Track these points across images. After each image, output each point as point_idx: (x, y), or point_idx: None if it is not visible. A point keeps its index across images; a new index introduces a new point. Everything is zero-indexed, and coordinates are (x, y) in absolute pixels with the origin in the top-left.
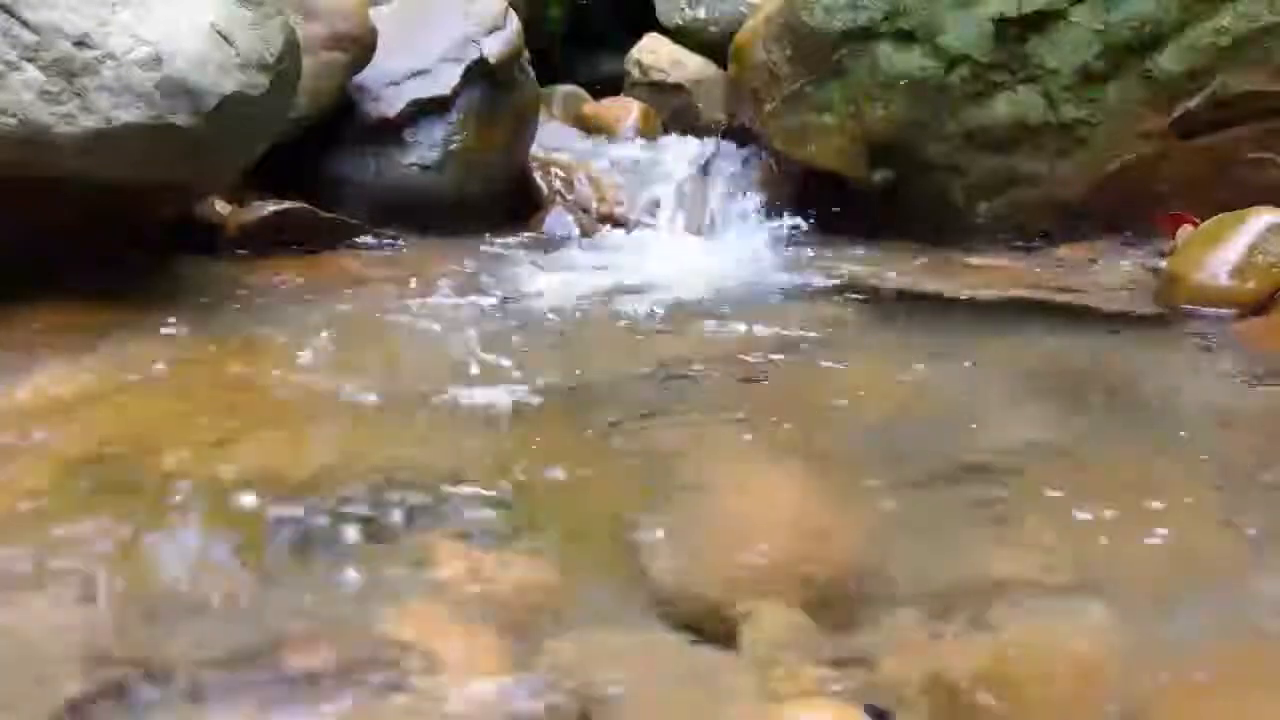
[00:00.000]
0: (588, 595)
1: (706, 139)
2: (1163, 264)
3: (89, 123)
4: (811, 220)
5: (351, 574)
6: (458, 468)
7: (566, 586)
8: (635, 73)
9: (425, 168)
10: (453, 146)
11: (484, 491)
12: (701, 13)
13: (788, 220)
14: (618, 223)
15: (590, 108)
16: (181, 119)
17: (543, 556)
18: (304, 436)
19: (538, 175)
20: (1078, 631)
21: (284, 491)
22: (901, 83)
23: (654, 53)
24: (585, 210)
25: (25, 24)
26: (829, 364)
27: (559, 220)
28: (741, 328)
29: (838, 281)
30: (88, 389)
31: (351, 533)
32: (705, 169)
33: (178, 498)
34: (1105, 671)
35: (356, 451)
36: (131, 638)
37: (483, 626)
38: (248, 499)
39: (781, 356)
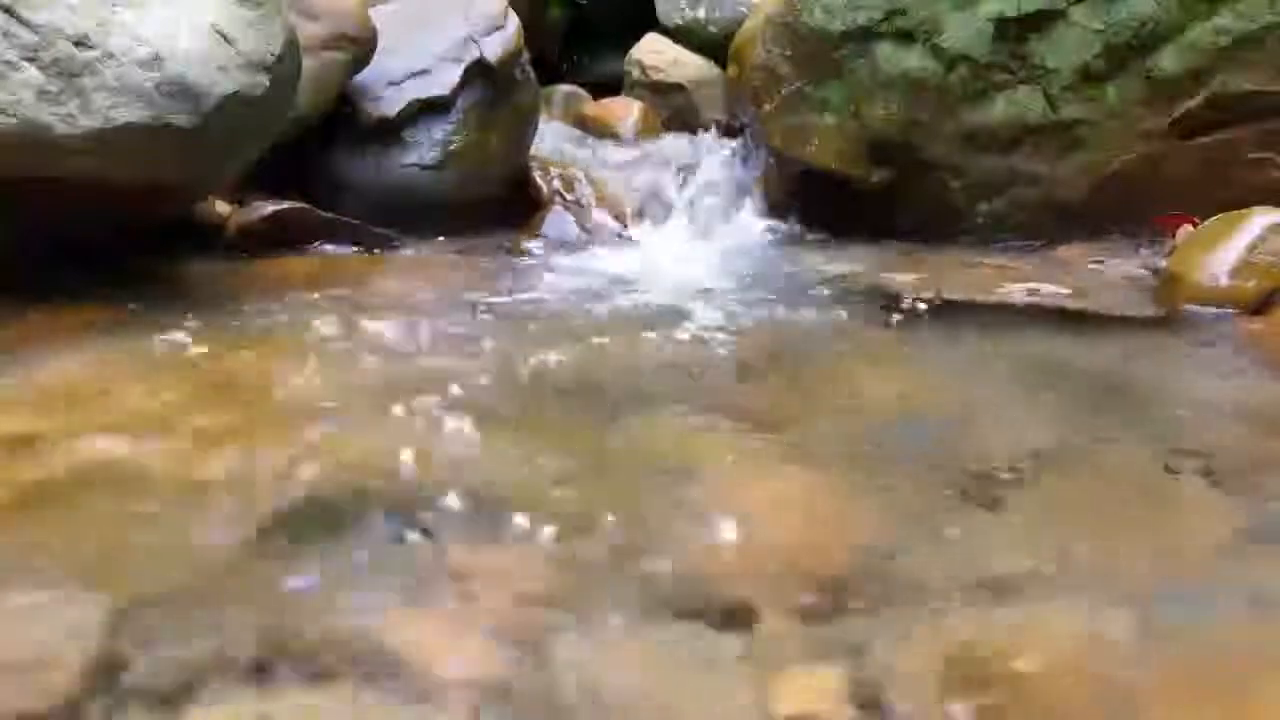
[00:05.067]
0: (587, 592)
1: (706, 139)
2: (1163, 264)
3: (89, 123)
4: (811, 220)
5: (348, 575)
6: (456, 466)
7: (566, 583)
8: (635, 73)
9: (425, 168)
10: (453, 146)
11: (483, 490)
12: (701, 13)
13: (787, 220)
14: (617, 223)
15: (590, 108)
16: (181, 119)
17: (542, 554)
18: (302, 436)
19: (538, 175)
20: (1080, 629)
21: (281, 491)
22: (901, 83)
23: (654, 53)
24: (585, 210)
25: (25, 24)
26: (828, 364)
27: (559, 220)
28: (740, 327)
29: (837, 282)
30: (86, 389)
31: (347, 533)
32: (705, 169)
33: (173, 497)
34: (1106, 668)
35: (353, 450)
36: (121, 643)
37: (482, 625)
38: (244, 499)
39: (781, 356)
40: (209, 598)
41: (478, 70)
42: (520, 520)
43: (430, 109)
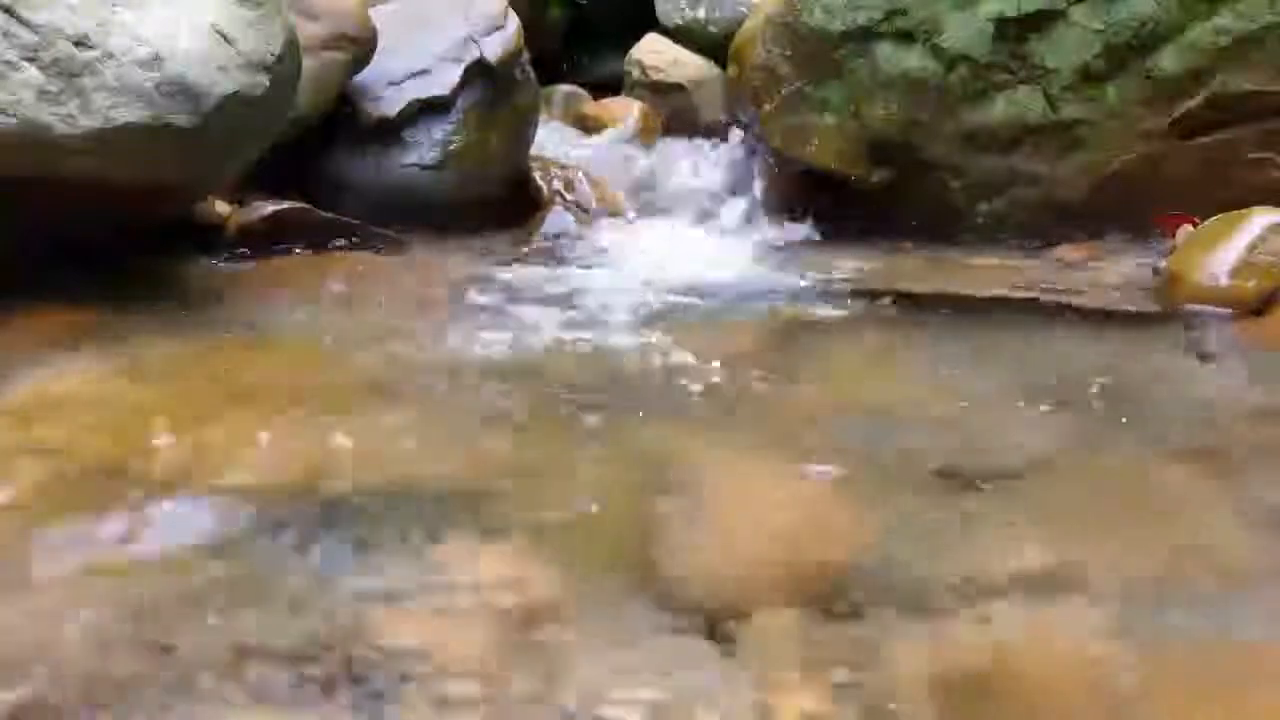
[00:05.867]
0: (587, 595)
1: (706, 139)
2: (1163, 264)
3: (89, 123)
4: (811, 220)
5: (348, 575)
6: (456, 467)
7: (566, 587)
8: (635, 73)
9: (425, 168)
10: (453, 146)
11: (483, 491)
12: (701, 13)
13: (787, 220)
14: (618, 223)
15: (590, 108)
16: (181, 119)
17: (542, 556)
18: (303, 435)
19: (538, 175)
20: (1078, 631)
21: (282, 490)
22: (901, 83)
23: (654, 53)
24: (585, 210)
25: (25, 24)
26: (828, 364)
27: (559, 220)
28: (741, 327)
29: (837, 281)
30: (86, 389)
31: (348, 533)
32: (705, 169)
33: (173, 497)
34: (1105, 671)
35: (353, 451)
36: (125, 639)
37: (481, 627)
38: (245, 498)
39: (781, 356)
40: None
41: (478, 70)
42: (518, 520)
43: (430, 109)
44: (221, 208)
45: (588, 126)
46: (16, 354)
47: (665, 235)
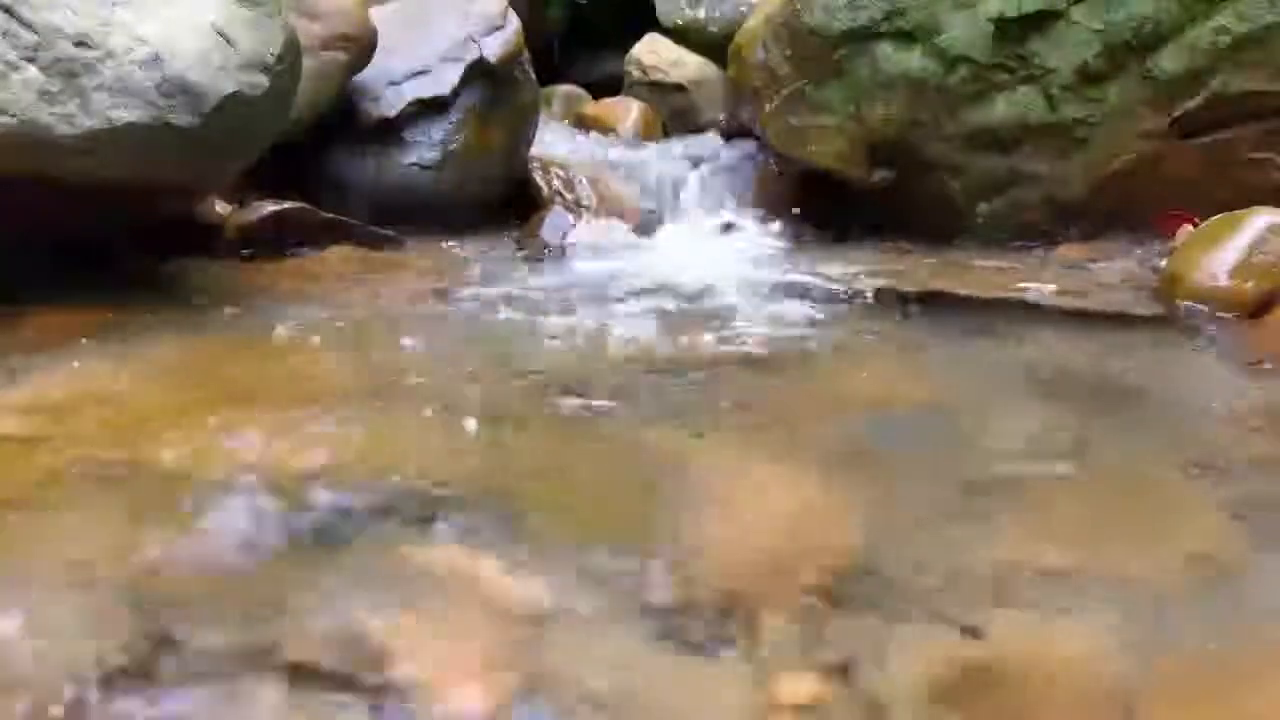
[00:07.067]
0: (584, 597)
1: (706, 139)
2: (1163, 264)
3: (89, 123)
4: (811, 220)
5: (346, 577)
6: (454, 467)
7: (563, 588)
8: (635, 73)
9: (425, 168)
10: (452, 146)
11: (480, 492)
12: (701, 13)
13: (788, 220)
14: (618, 223)
15: (590, 108)
16: (181, 119)
17: (539, 557)
18: (301, 436)
19: (538, 175)
20: (1080, 632)
21: (279, 491)
22: (901, 83)
23: (654, 53)
24: (585, 210)
25: (25, 24)
26: (828, 364)
27: (558, 220)
28: (740, 327)
29: (837, 281)
30: (86, 389)
31: (347, 533)
32: (705, 170)
33: (173, 497)
34: (1107, 671)
35: (353, 451)
36: (121, 640)
37: (477, 630)
38: (243, 498)
39: (781, 356)
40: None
41: (478, 70)
42: (514, 518)
43: (430, 109)
44: (221, 208)
45: (588, 126)
46: (17, 354)
47: (663, 235)
